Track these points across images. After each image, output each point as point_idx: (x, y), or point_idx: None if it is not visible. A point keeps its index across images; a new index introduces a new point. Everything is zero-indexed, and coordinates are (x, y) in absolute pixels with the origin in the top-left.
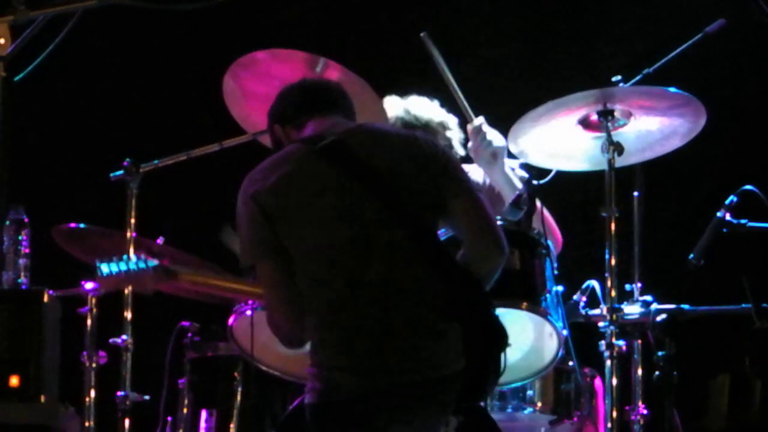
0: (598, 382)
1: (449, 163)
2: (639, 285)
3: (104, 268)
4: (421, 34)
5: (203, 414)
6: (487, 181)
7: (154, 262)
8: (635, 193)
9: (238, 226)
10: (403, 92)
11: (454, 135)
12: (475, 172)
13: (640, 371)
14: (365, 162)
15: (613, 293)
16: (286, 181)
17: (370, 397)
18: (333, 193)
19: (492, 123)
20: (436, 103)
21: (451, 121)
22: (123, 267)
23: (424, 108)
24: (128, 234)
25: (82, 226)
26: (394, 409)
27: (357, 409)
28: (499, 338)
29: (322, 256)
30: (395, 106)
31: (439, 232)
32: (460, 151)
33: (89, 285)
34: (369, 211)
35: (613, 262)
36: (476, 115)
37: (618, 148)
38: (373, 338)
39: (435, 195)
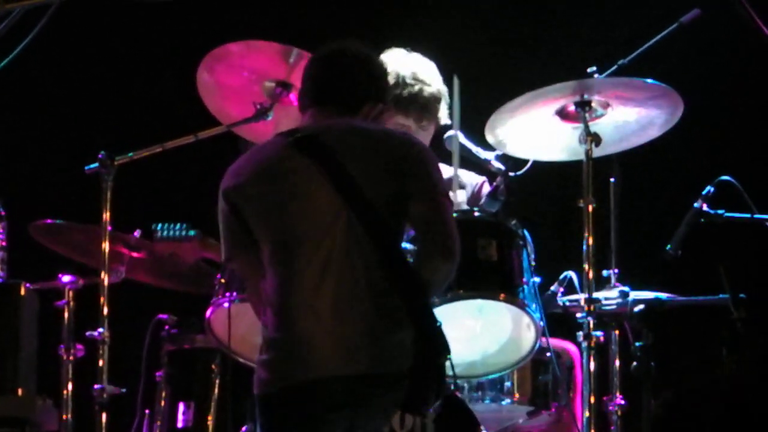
0: (577, 371)
1: (420, 164)
2: (615, 271)
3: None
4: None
5: (181, 407)
6: (477, 182)
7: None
8: (611, 179)
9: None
10: None
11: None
12: (464, 175)
13: (617, 362)
14: (335, 157)
15: (591, 278)
16: (255, 171)
17: (318, 387)
18: (298, 180)
19: (470, 114)
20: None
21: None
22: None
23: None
24: (103, 223)
25: (59, 221)
26: (340, 402)
27: (302, 398)
28: (444, 348)
29: (284, 242)
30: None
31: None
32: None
33: (66, 278)
34: (332, 205)
35: (590, 252)
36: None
37: (595, 138)
38: (324, 331)
39: (398, 196)
